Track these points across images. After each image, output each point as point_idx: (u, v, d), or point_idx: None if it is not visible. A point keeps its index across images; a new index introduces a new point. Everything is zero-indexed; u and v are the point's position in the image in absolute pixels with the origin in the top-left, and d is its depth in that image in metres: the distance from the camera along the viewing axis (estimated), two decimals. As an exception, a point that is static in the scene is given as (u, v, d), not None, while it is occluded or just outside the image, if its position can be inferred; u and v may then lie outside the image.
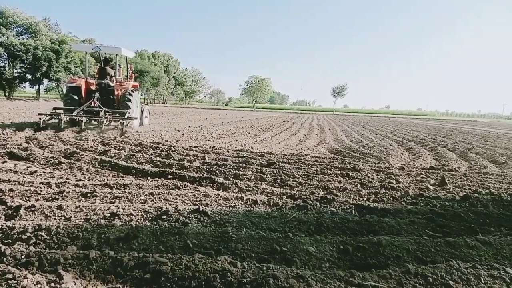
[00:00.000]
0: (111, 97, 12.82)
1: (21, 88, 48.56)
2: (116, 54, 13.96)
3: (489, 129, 30.61)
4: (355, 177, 5.81)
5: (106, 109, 11.79)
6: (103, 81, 13.03)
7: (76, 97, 12.25)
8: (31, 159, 6.45)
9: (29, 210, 3.42)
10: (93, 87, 12.78)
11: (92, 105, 12.00)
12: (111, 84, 13.11)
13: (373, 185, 5.29)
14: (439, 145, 12.82)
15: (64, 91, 13.40)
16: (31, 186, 4.44)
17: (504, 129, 33.31)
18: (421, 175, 6.19)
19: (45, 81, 46.91)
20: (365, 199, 4.53)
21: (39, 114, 11.59)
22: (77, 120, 11.13)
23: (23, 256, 2.36)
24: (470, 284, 2.26)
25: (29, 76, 44.49)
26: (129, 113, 11.88)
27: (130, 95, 12.50)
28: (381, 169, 6.61)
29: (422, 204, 4.38)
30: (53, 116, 11.32)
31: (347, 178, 5.70)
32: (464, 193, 4.79)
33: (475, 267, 2.44)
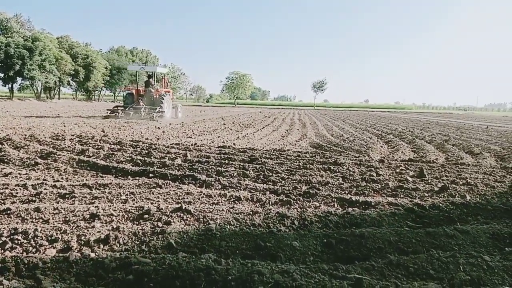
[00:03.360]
0: (152, 99, 19.97)
1: (-7, 87, 46.85)
2: (154, 72, 21.96)
3: (464, 121, 31.53)
4: (337, 170, 5.87)
5: (146, 106, 19.33)
6: (147, 89, 20.46)
7: (130, 99, 20.04)
8: (6, 160, 6.23)
9: (4, 213, 3.31)
10: (141, 92, 20.39)
11: (141, 104, 19.47)
12: (152, 90, 20.30)
13: (354, 178, 5.36)
14: (417, 138, 13.11)
15: (124, 95, 21.95)
16: (6, 188, 4.28)
17: (478, 120, 34.40)
18: (401, 167, 6.31)
19: (19, 79, 45.28)
20: (346, 192, 4.58)
21: (107, 109, 20.37)
22: (128, 113, 18.85)
23: (-2, 262, 2.27)
24: (449, 273, 2.32)
25: (1, 75, 42.89)
26: (160, 108, 18.94)
27: (163, 97, 19.73)
28: (361, 162, 6.70)
29: (402, 195, 4.47)
30: (114, 110, 19.37)
31: (329, 172, 5.75)
32: (442, 184, 4.91)
33: (454, 256, 2.50)
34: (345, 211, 3.64)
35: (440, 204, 3.93)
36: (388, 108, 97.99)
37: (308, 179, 5.12)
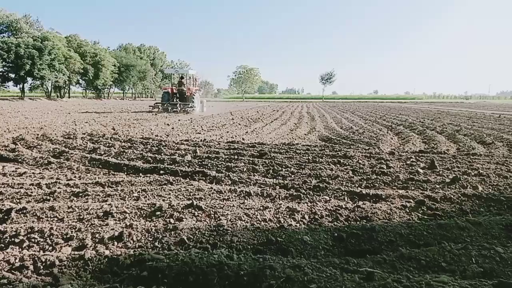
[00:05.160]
0: (184, 96, 23.97)
1: (5, 87, 47.57)
2: (186, 73, 26.04)
3: (476, 110, 31.02)
4: (347, 164, 5.85)
5: (180, 102, 23.17)
6: (180, 88, 24.46)
7: (166, 97, 24.06)
8: (19, 160, 6.35)
9: (20, 212, 3.38)
10: (175, 91, 24.38)
11: (174, 101, 23.50)
12: (184, 89, 24.32)
13: (364, 171, 5.34)
14: (428, 128, 12.96)
15: (161, 94, 26.38)
16: (21, 188, 4.38)
17: (490, 109, 33.80)
18: (411, 159, 6.26)
19: (29, 79, 45.90)
20: (357, 185, 4.57)
21: (149, 105, 25.42)
22: (166, 108, 22.99)
23: (17, 260, 2.34)
24: (462, 265, 2.31)
25: (12, 75, 43.52)
26: (192, 104, 22.92)
27: (194, 94, 23.75)
28: (371, 155, 6.67)
29: (413, 188, 4.45)
30: (155, 106, 23.97)
31: (338, 166, 5.74)
32: (454, 175, 4.87)
33: (466, 248, 2.49)
34: (355, 204, 3.63)
35: (452, 196, 3.90)
36: (398, 99, 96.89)
37: (318, 173, 5.12)
